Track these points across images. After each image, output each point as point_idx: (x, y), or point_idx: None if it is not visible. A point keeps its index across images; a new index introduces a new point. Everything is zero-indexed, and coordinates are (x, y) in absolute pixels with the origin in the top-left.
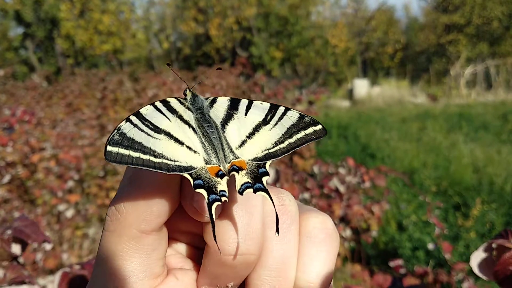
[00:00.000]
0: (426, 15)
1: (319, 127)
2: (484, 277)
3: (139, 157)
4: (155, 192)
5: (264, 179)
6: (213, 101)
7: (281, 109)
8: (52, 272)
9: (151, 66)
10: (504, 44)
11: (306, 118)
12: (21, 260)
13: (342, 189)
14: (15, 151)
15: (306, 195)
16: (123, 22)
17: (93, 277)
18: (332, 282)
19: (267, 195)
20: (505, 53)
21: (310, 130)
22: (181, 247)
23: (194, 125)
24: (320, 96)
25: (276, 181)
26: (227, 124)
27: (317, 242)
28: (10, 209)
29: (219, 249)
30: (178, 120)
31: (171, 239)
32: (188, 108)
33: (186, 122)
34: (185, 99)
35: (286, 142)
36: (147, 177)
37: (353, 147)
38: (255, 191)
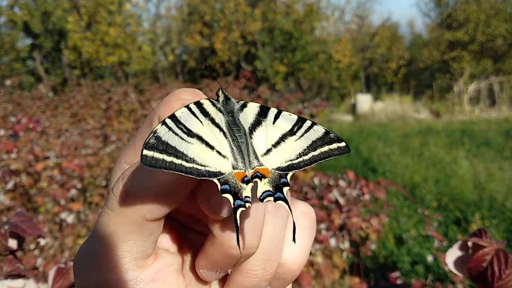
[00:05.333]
0: (430, 32)
1: (343, 144)
2: (459, 274)
3: (172, 162)
4: (170, 189)
5: (285, 189)
6: (244, 105)
7: (308, 122)
8: None
9: (156, 78)
10: (508, 61)
11: (331, 134)
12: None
13: (342, 201)
14: (19, 159)
15: None
16: (130, 34)
17: (85, 251)
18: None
19: (286, 205)
20: (509, 70)
21: (334, 145)
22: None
23: (225, 129)
24: (322, 110)
25: None
26: (254, 130)
27: (301, 226)
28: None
29: (239, 247)
30: (210, 123)
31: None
32: (220, 110)
33: (217, 125)
34: (218, 100)
35: (310, 155)
36: (167, 173)
37: (355, 161)
38: (275, 200)
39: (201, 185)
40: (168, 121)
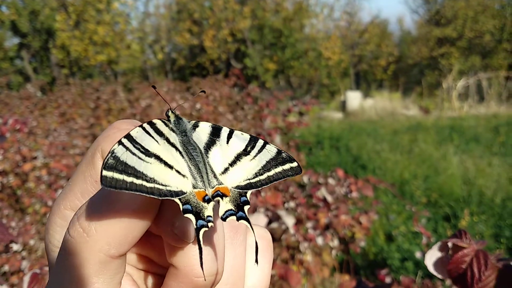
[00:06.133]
0: (419, 28)
1: (295, 164)
2: (438, 276)
3: (132, 182)
4: (134, 217)
5: (246, 208)
6: (196, 125)
7: (260, 142)
8: None
9: (146, 76)
10: (496, 57)
11: (283, 154)
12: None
13: (330, 198)
14: (6, 159)
15: (292, 204)
16: (118, 33)
17: None
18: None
19: (249, 225)
20: (497, 66)
21: (287, 166)
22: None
23: (180, 148)
24: (311, 107)
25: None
26: (210, 150)
27: (260, 251)
28: (0, 218)
29: (203, 271)
30: (166, 142)
31: None
32: (172, 130)
33: (173, 145)
34: (169, 120)
35: (265, 175)
36: (127, 199)
37: (345, 158)
38: (238, 219)
39: (163, 212)
40: (125, 140)
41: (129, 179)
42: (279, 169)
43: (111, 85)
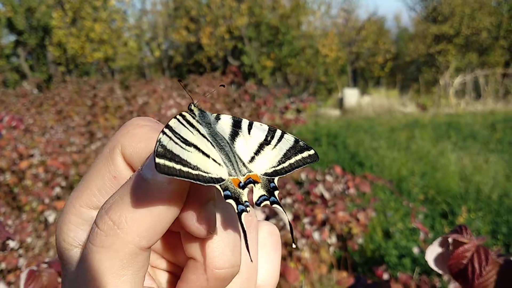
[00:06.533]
0: (416, 25)
1: (312, 151)
2: (439, 271)
3: (181, 169)
4: (165, 205)
5: (276, 193)
6: (218, 117)
7: (279, 132)
8: None
9: (143, 74)
10: (493, 54)
11: (300, 142)
12: None
13: (327, 195)
14: (3, 157)
15: (289, 200)
16: (115, 30)
17: None
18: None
19: (281, 209)
20: (494, 63)
21: (305, 154)
22: None
23: (210, 139)
24: (308, 105)
25: None
26: (234, 140)
27: (270, 246)
28: None
29: (249, 254)
30: (198, 133)
31: None
32: (199, 122)
33: (204, 136)
34: (193, 113)
35: (287, 163)
36: (158, 188)
37: (342, 155)
38: (271, 203)
39: (188, 202)
40: (166, 130)
41: (177, 166)
42: (298, 157)
43: (108, 83)
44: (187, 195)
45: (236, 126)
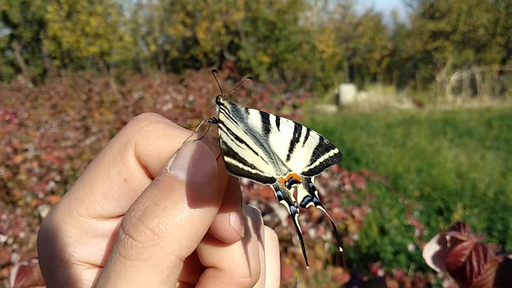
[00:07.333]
0: (413, 22)
1: (337, 150)
2: (437, 269)
3: (243, 168)
4: (207, 208)
5: (316, 193)
6: (247, 111)
7: (304, 128)
8: None
9: (138, 68)
10: (490, 51)
11: (325, 140)
12: None
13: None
14: None
15: None
16: (111, 24)
17: None
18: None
19: (324, 210)
20: (491, 60)
21: (331, 153)
22: None
23: (249, 135)
24: (305, 100)
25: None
26: (268, 136)
27: (272, 251)
28: None
29: (305, 258)
30: (241, 129)
31: None
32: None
33: (244, 132)
34: (224, 107)
35: (318, 162)
36: (198, 190)
37: None
38: (315, 205)
39: (222, 205)
40: (221, 126)
41: (240, 164)
42: (326, 155)
43: (103, 77)
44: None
45: (265, 121)
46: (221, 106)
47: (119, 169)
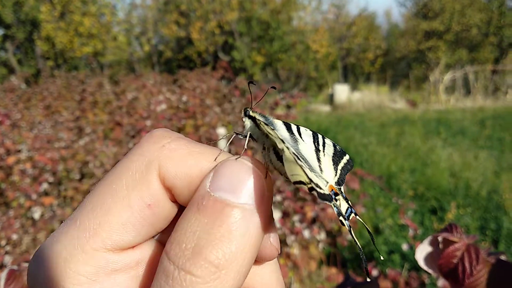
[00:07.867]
0: (406, 22)
1: (348, 156)
2: (429, 271)
3: (324, 193)
4: (260, 232)
5: (350, 204)
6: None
7: (320, 136)
8: None
9: (132, 69)
10: (483, 50)
11: (337, 146)
12: None
13: None
14: None
15: (278, 197)
16: (104, 24)
17: None
18: None
19: (362, 220)
20: (484, 59)
21: (345, 159)
22: None
23: None
24: (299, 100)
25: None
26: (298, 148)
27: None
28: None
29: (366, 269)
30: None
31: None
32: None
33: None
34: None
35: (339, 170)
36: (251, 214)
37: None
38: (355, 216)
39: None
40: (285, 146)
41: (317, 189)
42: (342, 163)
43: (97, 78)
44: None
45: (290, 131)
46: (256, 119)
47: (141, 194)
